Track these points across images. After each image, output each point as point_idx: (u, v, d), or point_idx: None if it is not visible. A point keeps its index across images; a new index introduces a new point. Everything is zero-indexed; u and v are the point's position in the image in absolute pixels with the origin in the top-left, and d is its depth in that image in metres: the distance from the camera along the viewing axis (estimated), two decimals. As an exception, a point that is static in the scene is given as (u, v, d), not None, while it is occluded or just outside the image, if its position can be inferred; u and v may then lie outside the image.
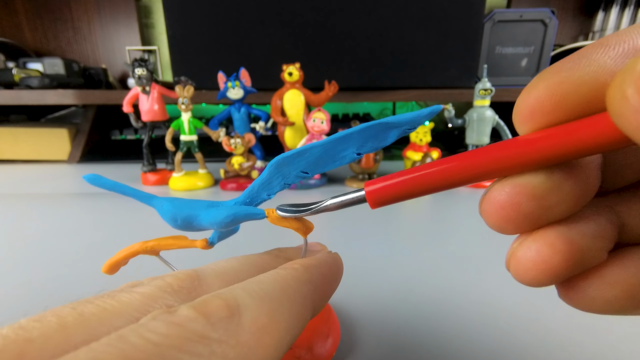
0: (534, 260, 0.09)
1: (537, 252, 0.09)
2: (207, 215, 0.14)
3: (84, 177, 0.14)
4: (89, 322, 0.09)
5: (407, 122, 0.12)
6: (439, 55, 0.62)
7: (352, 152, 0.13)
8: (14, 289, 0.24)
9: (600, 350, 0.18)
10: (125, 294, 0.10)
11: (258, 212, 0.14)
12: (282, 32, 0.60)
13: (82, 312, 0.09)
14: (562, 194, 0.09)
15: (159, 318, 0.08)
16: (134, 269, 0.18)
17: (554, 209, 0.09)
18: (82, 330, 0.09)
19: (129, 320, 0.09)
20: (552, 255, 0.09)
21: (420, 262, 0.27)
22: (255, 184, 0.14)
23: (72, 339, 0.08)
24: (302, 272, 0.12)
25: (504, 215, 0.09)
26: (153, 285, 0.11)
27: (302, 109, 0.51)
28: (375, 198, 0.11)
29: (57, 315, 0.09)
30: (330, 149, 0.13)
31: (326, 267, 0.14)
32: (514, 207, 0.09)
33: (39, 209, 0.41)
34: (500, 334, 0.19)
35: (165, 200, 0.14)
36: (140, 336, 0.08)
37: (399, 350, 0.18)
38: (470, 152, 0.09)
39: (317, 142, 0.12)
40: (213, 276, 0.12)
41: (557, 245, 0.09)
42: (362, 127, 0.12)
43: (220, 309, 0.09)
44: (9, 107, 0.71)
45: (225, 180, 0.50)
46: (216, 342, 0.08)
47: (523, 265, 0.09)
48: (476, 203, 0.10)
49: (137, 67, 0.49)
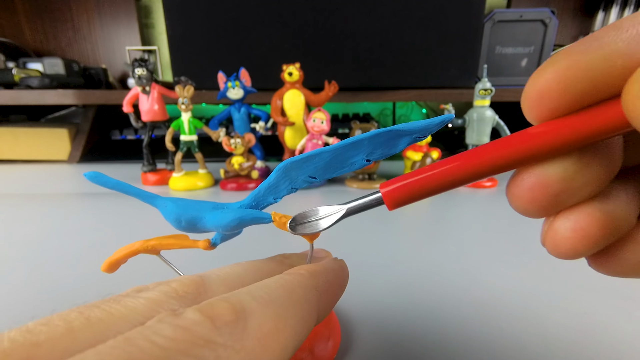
0: (573, 229, 0.09)
1: (575, 221, 0.09)
2: (213, 217, 0.14)
3: (85, 175, 0.14)
4: (95, 327, 0.09)
5: (418, 130, 0.12)
6: (439, 55, 0.62)
7: (361, 158, 0.13)
8: (14, 289, 0.24)
9: (601, 350, 0.18)
10: (130, 299, 0.10)
11: (264, 216, 0.14)
12: (282, 32, 0.60)
13: (88, 316, 0.09)
14: (590, 174, 0.09)
15: (165, 321, 0.08)
16: (134, 269, 0.18)
17: (582, 189, 0.09)
18: (88, 334, 0.09)
19: (134, 325, 0.09)
20: (591, 224, 0.09)
21: (421, 262, 0.27)
22: (262, 187, 0.14)
23: (78, 343, 0.08)
24: (308, 278, 0.12)
25: (533, 197, 0.09)
26: (158, 290, 0.11)
27: (302, 109, 0.51)
28: (393, 199, 0.11)
29: (64, 320, 0.09)
30: (340, 154, 0.13)
31: (332, 273, 0.14)
32: (543, 189, 0.09)
33: (39, 209, 0.41)
34: (500, 334, 0.19)
35: (169, 201, 0.14)
36: (147, 339, 0.08)
37: (399, 351, 0.18)
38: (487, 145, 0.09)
39: (326, 148, 0.12)
40: (218, 282, 0.12)
41: (595, 214, 0.09)
42: (373, 134, 0.12)
43: (226, 313, 0.09)
44: (9, 107, 0.71)
45: (225, 180, 0.50)
46: (222, 347, 0.08)
47: (561, 236, 0.09)
48: (476, 203, 0.10)
49: (137, 67, 0.49)
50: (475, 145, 0.50)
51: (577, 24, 0.88)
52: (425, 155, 0.50)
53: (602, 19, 0.84)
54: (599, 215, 0.09)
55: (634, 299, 0.22)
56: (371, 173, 0.51)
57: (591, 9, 0.87)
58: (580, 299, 0.22)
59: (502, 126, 0.50)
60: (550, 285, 0.24)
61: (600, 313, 0.21)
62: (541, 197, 0.09)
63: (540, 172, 0.09)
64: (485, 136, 0.50)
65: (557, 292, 0.23)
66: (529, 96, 0.09)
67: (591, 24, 0.87)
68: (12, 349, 0.08)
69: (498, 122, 0.50)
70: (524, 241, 0.31)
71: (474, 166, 0.09)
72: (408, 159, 0.50)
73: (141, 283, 0.13)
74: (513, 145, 0.09)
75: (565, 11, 0.87)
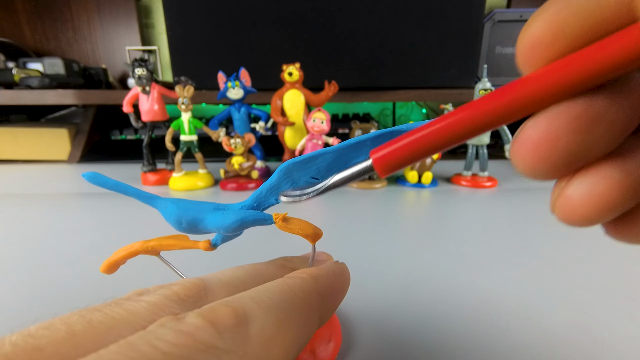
0: (589, 195, 0.08)
1: (591, 186, 0.08)
2: (214, 218, 0.14)
3: (83, 175, 0.13)
4: (97, 331, 0.09)
5: None
6: (439, 55, 0.61)
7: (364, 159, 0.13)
8: (14, 289, 0.24)
9: (601, 350, 0.18)
10: (132, 303, 0.10)
11: (266, 218, 0.14)
12: (282, 32, 0.60)
13: (90, 320, 0.09)
14: (606, 124, 0.07)
15: (167, 325, 0.08)
16: (134, 270, 0.18)
17: (597, 143, 0.08)
18: (90, 338, 0.09)
19: (136, 329, 0.09)
20: (609, 189, 0.08)
21: (421, 262, 0.27)
22: (263, 187, 0.14)
23: (80, 348, 0.08)
24: (310, 282, 0.12)
25: (540, 155, 0.08)
26: (159, 294, 0.11)
27: (302, 109, 0.51)
28: (384, 164, 0.10)
29: (65, 324, 0.09)
30: (343, 155, 0.12)
31: (334, 277, 0.14)
32: (552, 145, 0.08)
33: (39, 209, 0.41)
34: (500, 334, 0.19)
35: (170, 202, 0.14)
36: (149, 344, 0.08)
37: (399, 351, 0.18)
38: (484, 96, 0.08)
39: (328, 148, 0.12)
40: (219, 285, 0.12)
41: (615, 177, 0.08)
42: (376, 135, 0.12)
43: (228, 317, 0.09)
44: (9, 107, 0.71)
45: (225, 180, 0.50)
46: (224, 352, 0.08)
47: (574, 203, 0.08)
48: (476, 203, 0.10)
49: (137, 67, 0.49)
50: (476, 145, 0.50)
51: (577, 24, 0.88)
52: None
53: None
54: (618, 177, 0.08)
55: (634, 299, 0.22)
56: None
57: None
58: (580, 299, 0.22)
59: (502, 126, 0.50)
60: (550, 285, 0.24)
61: (600, 313, 0.21)
62: (550, 154, 0.08)
63: (547, 124, 0.08)
64: (485, 136, 0.50)
65: (557, 292, 0.23)
66: (522, 48, 0.08)
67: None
68: (14, 353, 0.08)
69: (498, 122, 0.50)
70: (524, 241, 0.31)
71: (469, 120, 0.08)
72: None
73: (141, 284, 0.13)
74: (512, 91, 0.08)
75: (565, 11, 0.87)
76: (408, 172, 0.50)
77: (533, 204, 0.42)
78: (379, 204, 0.43)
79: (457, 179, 0.52)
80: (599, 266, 0.26)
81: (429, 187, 0.50)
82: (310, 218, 0.14)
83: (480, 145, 0.51)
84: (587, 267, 0.26)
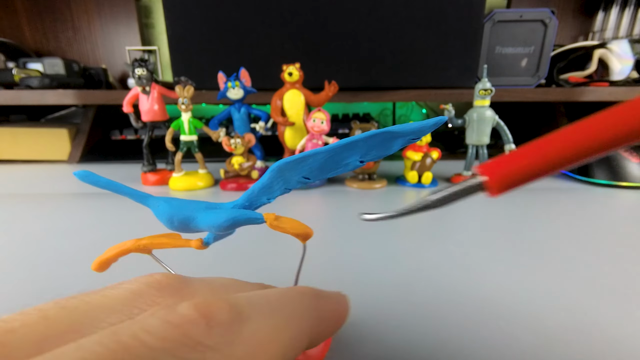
0: None
1: None
2: (206, 217, 0.14)
3: (75, 174, 0.13)
4: (72, 315, 0.09)
5: (412, 132, 0.12)
6: (439, 55, 0.61)
7: (355, 159, 0.13)
8: (14, 288, 0.24)
9: (601, 350, 0.18)
10: (110, 289, 0.10)
11: (257, 217, 0.14)
12: (282, 32, 0.60)
13: (64, 305, 0.09)
14: None
15: (156, 315, 0.08)
16: (135, 271, 0.18)
17: None
18: (64, 321, 0.09)
19: (113, 312, 0.09)
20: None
21: (419, 262, 0.27)
22: (255, 187, 0.14)
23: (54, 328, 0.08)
24: (311, 297, 0.12)
25: None
26: (139, 280, 0.11)
27: (302, 109, 0.51)
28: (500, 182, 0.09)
29: (38, 309, 0.09)
30: (335, 155, 0.13)
31: (334, 302, 0.13)
32: None
33: (39, 209, 0.41)
34: (500, 333, 0.19)
35: (161, 200, 0.14)
36: (134, 336, 0.07)
37: (397, 351, 0.18)
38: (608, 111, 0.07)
39: (321, 149, 0.12)
40: (201, 282, 0.12)
41: None
42: (368, 135, 0.12)
43: (223, 313, 0.09)
44: (9, 107, 0.71)
45: (225, 180, 0.50)
46: (210, 350, 0.08)
47: None
48: (476, 203, 0.10)
49: (137, 67, 0.49)
50: (476, 145, 0.50)
51: (577, 24, 0.88)
52: (425, 155, 0.50)
53: (602, 19, 0.84)
54: None
55: (634, 299, 0.22)
56: (371, 173, 0.51)
57: (591, 9, 0.86)
58: (580, 299, 0.22)
59: (502, 126, 0.50)
60: (550, 285, 0.24)
61: (600, 313, 0.21)
62: None
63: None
64: (485, 136, 0.50)
65: (557, 292, 0.23)
66: None
67: (591, 24, 0.87)
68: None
69: (498, 122, 0.50)
70: (524, 241, 0.31)
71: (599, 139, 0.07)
72: (408, 159, 0.50)
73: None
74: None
75: (565, 11, 0.87)
76: (408, 172, 0.50)
77: (533, 204, 0.42)
78: (379, 204, 0.43)
79: (457, 179, 0.52)
80: (599, 266, 0.26)
81: (429, 187, 0.50)
82: (311, 218, 0.14)
83: (480, 145, 0.51)
84: (588, 267, 0.26)
